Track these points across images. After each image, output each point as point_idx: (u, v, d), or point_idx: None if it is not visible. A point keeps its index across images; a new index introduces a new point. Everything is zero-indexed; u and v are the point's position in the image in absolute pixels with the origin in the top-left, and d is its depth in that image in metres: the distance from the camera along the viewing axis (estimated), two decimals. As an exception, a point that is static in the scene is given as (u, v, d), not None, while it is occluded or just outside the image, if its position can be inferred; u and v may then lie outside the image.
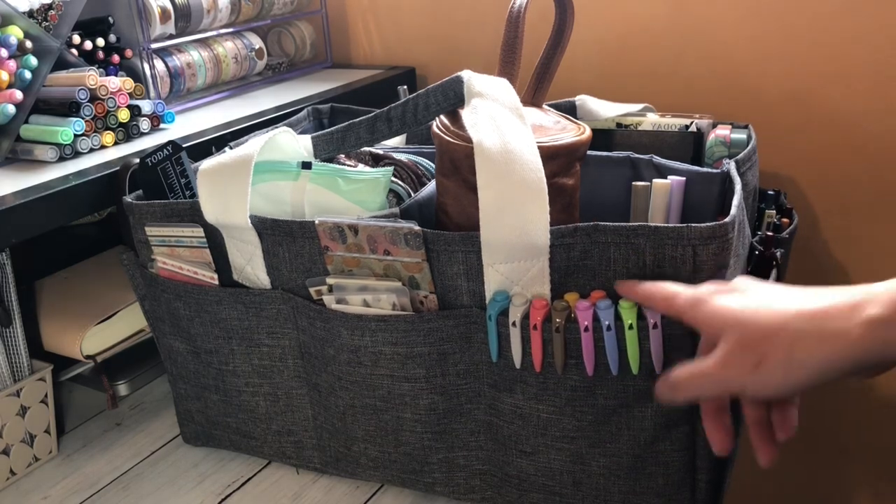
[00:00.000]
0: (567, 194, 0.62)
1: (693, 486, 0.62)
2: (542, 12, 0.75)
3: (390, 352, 0.64)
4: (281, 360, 0.71)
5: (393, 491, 0.72)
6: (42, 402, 0.79)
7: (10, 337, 0.76)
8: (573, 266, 0.58)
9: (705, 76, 0.94)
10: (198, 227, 0.69)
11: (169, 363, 0.78)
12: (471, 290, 0.61)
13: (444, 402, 0.65)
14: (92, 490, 0.75)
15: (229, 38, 1.10)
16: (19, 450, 0.77)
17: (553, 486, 0.64)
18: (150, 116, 0.91)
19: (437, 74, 1.15)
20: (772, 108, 0.91)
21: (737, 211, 0.57)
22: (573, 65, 0.96)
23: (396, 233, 0.59)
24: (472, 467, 0.67)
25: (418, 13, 1.15)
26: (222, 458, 0.78)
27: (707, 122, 0.78)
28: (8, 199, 0.72)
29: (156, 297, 0.74)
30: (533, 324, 0.58)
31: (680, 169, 0.69)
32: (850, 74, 0.86)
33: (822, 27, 0.86)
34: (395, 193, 0.71)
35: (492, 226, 0.57)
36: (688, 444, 0.60)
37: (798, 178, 0.92)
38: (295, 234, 0.64)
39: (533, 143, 0.57)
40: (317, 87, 1.09)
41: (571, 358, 0.59)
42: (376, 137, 0.68)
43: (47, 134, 0.83)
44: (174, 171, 0.74)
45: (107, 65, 0.95)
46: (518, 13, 0.63)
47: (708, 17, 0.93)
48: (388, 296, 0.62)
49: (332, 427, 0.71)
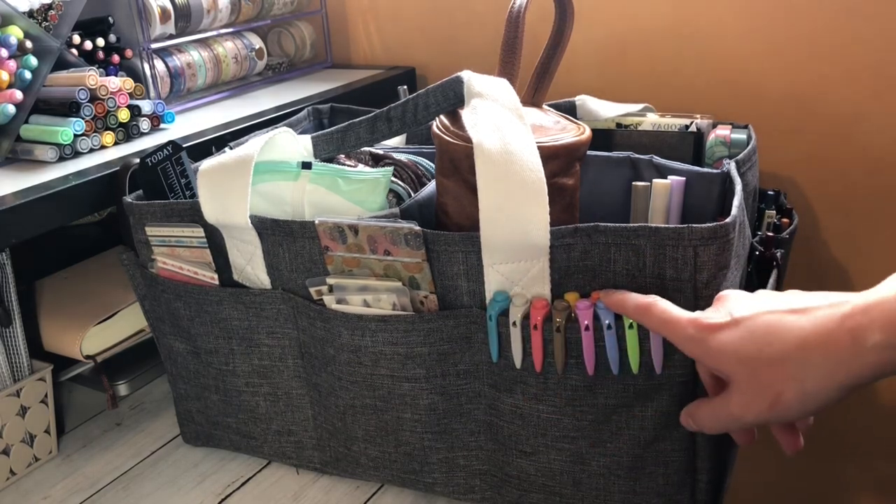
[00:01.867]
0: (567, 194, 0.62)
1: (693, 486, 0.62)
2: (542, 12, 0.75)
3: (390, 352, 0.64)
4: (281, 360, 0.71)
5: (393, 491, 0.72)
6: (42, 402, 0.79)
7: (10, 337, 0.76)
8: (573, 266, 0.58)
9: (705, 76, 0.94)
10: (198, 227, 0.69)
11: (169, 363, 0.78)
12: (471, 291, 0.61)
13: (444, 402, 0.65)
14: (92, 490, 0.75)
15: (229, 38, 1.10)
16: (19, 450, 0.77)
17: (553, 486, 0.64)
18: (150, 116, 0.91)
19: (437, 74, 1.15)
20: (772, 108, 0.91)
21: (737, 211, 0.57)
22: (573, 65, 0.96)
23: (397, 233, 0.59)
24: (472, 467, 0.67)
25: (418, 13, 1.15)
26: (222, 458, 0.78)
27: (707, 122, 0.78)
28: (8, 199, 0.72)
29: (156, 297, 0.74)
30: (533, 324, 0.58)
31: (680, 169, 0.69)
32: (850, 74, 0.86)
33: (822, 27, 0.86)
34: (395, 193, 0.71)
35: (492, 226, 0.57)
36: (688, 444, 0.60)
37: (798, 178, 0.92)
38: (295, 234, 0.64)
39: (533, 144, 0.57)
40: (317, 87, 1.09)
41: (572, 357, 0.59)
42: (376, 137, 0.68)
43: (47, 134, 0.83)
44: (174, 171, 0.74)
45: (107, 65, 0.95)
46: (518, 13, 0.63)
47: (708, 17, 0.93)
48: (389, 296, 0.62)
49: (332, 427, 0.71)
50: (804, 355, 0.44)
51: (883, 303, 0.43)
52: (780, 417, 0.47)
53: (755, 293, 0.52)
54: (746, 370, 0.47)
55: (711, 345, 0.49)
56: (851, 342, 0.43)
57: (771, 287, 0.64)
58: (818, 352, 0.44)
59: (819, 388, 0.44)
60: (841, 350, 0.43)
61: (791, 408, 0.46)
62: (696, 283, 0.55)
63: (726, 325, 0.48)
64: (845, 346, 0.43)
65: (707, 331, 0.49)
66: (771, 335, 0.46)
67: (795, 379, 0.45)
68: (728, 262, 0.55)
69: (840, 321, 0.44)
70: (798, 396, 0.45)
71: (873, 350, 0.42)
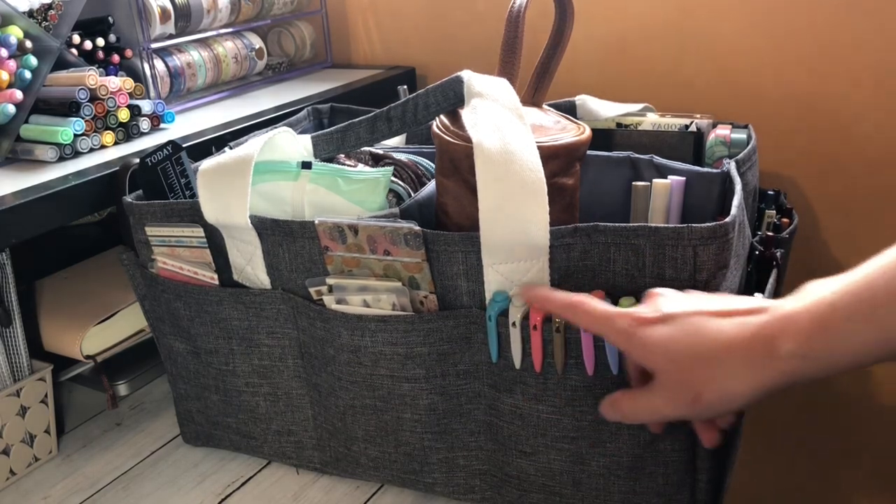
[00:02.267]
0: (567, 194, 0.62)
1: (693, 486, 0.62)
2: (542, 12, 0.75)
3: (390, 352, 0.64)
4: (281, 360, 0.71)
5: (393, 491, 0.72)
6: (42, 402, 0.79)
7: (10, 337, 0.76)
8: (573, 266, 0.58)
9: (705, 76, 0.94)
10: (198, 227, 0.69)
11: (169, 363, 0.78)
12: (471, 291, 0.61)
13: (443, 402, 0.65)
14: (92, 490, 0.75)
15: (229, 38, 1.10)
16: (19, 450, 0.77)
17: (553, 487, 0.64)
18: (150, 116, 0.91)
19: (437, 74, 1.15)
20: (772, 108, 0.91)
21: (737, 211, 0.57)
22: (573, 65, 0.96)
23: (396, 233, 0.59)
24: (471, 467, 0.67)
25: (418, 13, 1.15)
26: (222, 458, 0.78)
27: (707, 122, 0.78)
28: (8, 199, 0.72)
29: (156, 298, 0.74)
30: (533, 324, 0.58)
31: (680, 169, 0.69)
32: (850, 74, 0.86)
33: (822, 27, 0.86)
34: (395, 193, 0.71)
35: (492, 226, 0.57)
36: (688, 445, 0.60)
37: (798, 178, 0.92)
38: (295, 234, 0.64)
39: (533, 144, 0.57)
40: (317, 87, 1.09)
41: (571, 358, 0.59)
42: (376, 137, 0.68)
43: (47, 134, 0.83)
44: (174, 171, 0.74)
45: (107, 65, 0.95)
46: (518, 13, 0.63)
47: (708, 16, 0.93)
48: (388, 296, 0.62)
49: (332, 427, 0.71)
50: (726, 357, 0.47)
51: (796, 314, 0.45)
52: (700, 414, 0.49)
53: (685, 292, 0.53)
54: (672, 366, 0.49)
55: (641, 338, 0.50)
56: (767, 349, 0.45)
57: (771, 286, 0.64)
58: (738, 355, 0.46)
59: (738, 389, 0.46)
60: (757, 356, 0.46)
61: (711, 406, 0.48)
62: (695, 283, 0.55)
63: (656, 319, 0.50)
64: (761, 353, 0.45)
65: (638, 324, 0.50)
66: (698, 335, 0.48)
67: (717, 380, 0.47)
68: (727, 261, 0.55)
69: (758, 328, 0.46)
70: (718, 396, 0.47)
71: (785, 358, 0.45)
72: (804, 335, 0.44)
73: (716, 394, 0.47)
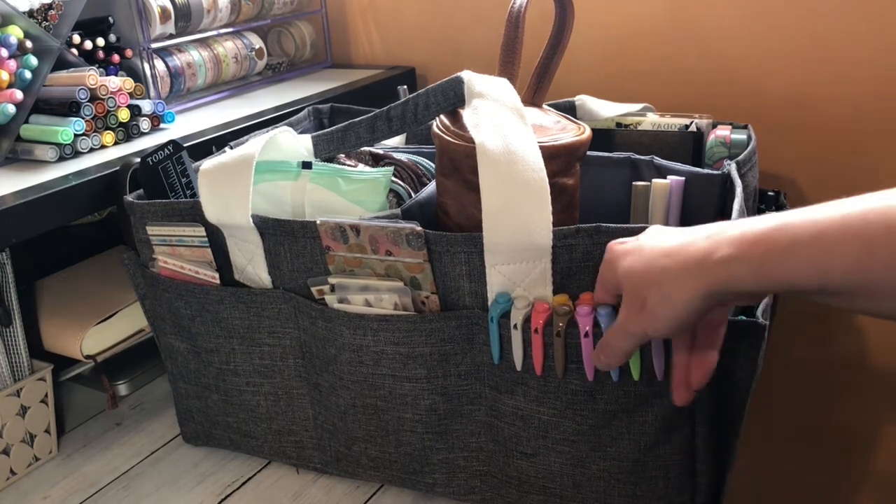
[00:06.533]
0: (567, 194, 0.62)
1: (693, 489, 0.62)
2: (542, 12, 0.75)
3: (392, 352, 0.64)
4: (282, 359, 0.71)
5: (393, 491, 0.72)
6: (42, 402, 0.79)
7: (10, 337, 0.76)
8: (575, 267, 0.58)
9: (705, 76, 0.95)
10: (199, 226, 0.69)
11: (169, 363, 0.78)
12: (473, 291, 0.61)
13: (444, 402, 0.65)
14: (92, 490, 0.75)
15: (229, 37, 1.10)
16: (19, 450, 0.77)
17: (553, 488, 0.64)
18: (151, 116, 0.91)
19: (437, 74, 1.15)
20: (772, 108, 0.91)
21: (738, 216, 0.57)
22: (573, 65, 0.96)
23: (398, 233, 0.59)
24: (472, 468, 0.67)
25: (418, 13, 1.15)
26: (222, 458, 0.78)
27: (707, 122, 0.78)
28: (8, 199, 0.72)
29: (157, 297, 0.74)
30: (534, 327, 0.58)
31: (681, 170, 0.69)
32: (849, 75, 0.86)
33: (822, 27, 0.86)
34: (396, 193, 0.71)
35: (495, 227, 0.57)
36: (688, 448, 0.60)
37: (798, 178, 0.92)
38: (296, 233, 0.64)
39: (535, 144, 0.57)
40: (317, 87, 1.09)
41: (572, 362, 0.59)
42: (376, 137, 0.68)
43: (47, 134, 0.83)
44: (175, 171, 0.74)
45: (107, 65, 0.95)
46: (518, 13, 0.63)
47: (708, 17, 0.93)
48: (390, 296, 0.62)
49: (333, 427, 0.71)
50: (667, 264, 0.47)
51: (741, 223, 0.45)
52: (649, 324, 0.49)
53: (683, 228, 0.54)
54: (628, 280, 0.50)
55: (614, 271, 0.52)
56: (704, 254, 0.45)
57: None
58: (679, 260, 0.47)
59: (677, 295, 0.46)
60: (694, 260, 0.46)
61: (655, 311, 0.48)
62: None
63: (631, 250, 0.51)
64: (699, 256, 0.46)
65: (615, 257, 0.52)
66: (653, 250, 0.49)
67: (659, 284, 0.47)
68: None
69: (701, 238, 0.47)
70: (660, 299, 0.47)
71: (721, 262, 0.44)
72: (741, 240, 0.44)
73: (657, 298, 0.47)
